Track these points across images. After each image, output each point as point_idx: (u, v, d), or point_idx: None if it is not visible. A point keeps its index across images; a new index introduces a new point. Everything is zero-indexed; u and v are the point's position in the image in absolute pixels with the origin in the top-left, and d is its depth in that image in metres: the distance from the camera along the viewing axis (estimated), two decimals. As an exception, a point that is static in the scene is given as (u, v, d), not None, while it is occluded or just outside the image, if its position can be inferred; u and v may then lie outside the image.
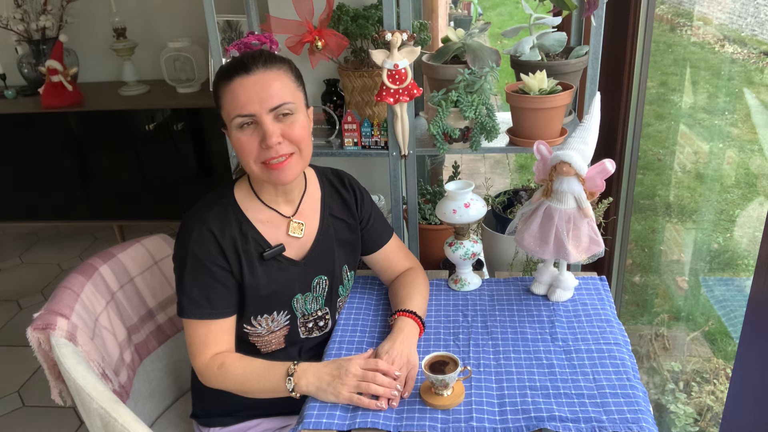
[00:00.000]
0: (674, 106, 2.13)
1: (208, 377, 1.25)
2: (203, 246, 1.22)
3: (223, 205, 1.27)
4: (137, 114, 2.81)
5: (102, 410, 1.15)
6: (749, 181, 1.82)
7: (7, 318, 2.86)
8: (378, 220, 1.48)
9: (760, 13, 1.70)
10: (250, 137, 1.18)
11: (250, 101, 1.16)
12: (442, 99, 1.63)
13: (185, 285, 1.23)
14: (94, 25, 3.07)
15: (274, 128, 1.17)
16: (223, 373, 1.23)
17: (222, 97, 1.20)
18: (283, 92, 1.18)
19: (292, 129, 1.20)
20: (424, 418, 1.14)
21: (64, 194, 3.02)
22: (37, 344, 1.25)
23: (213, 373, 1.24)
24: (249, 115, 1.16)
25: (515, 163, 4.43)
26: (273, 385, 1.21)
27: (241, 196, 1.30)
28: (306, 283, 1.34)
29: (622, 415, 1.12)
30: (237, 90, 1.17)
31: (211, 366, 1.24)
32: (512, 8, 7.77)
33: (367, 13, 1.86)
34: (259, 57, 1.20)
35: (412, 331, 1.32)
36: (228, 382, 1.24)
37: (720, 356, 1.93)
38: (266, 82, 1.17)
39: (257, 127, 1.18)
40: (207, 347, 1.25)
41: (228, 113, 1.19)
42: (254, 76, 1.17)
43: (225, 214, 1.26)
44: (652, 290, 2.27)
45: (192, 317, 1.24)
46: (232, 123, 1.18)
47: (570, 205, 1.32)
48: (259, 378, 1.23)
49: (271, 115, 1.17)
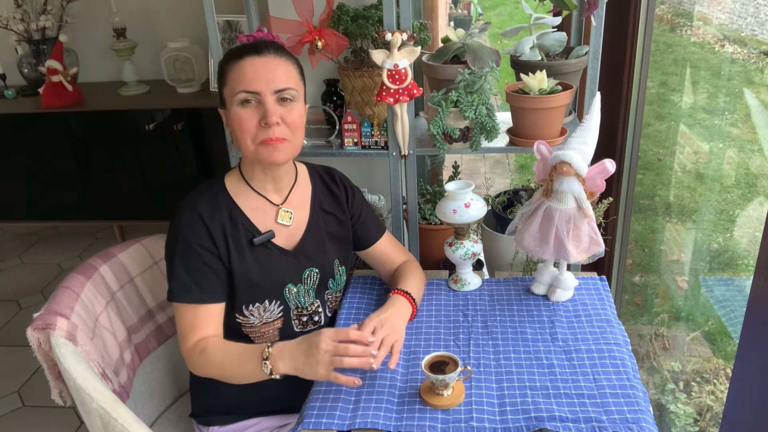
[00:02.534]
0: (674, 106, 2.13)
1: (192, 363, 1.25)
2: (192, 230, 1.25)
3: (214, 191, 1.32)
4: (137, 114, 2.81)
5: (102, 410, 1.15)
6: (749, 181, 1.82)
7: (7, 318, 2.86)
8: (369, 216, 1.50)
9: (760, 13, 1.70)
10: (251, 114, 1.22)
11: (257, 79, 1.20)
12: (442, 99, 1.63)
13: (174, 268, 1.26)
14: (94, 25, 3.07)
15: (275, 108, 1.22)
16: (204, 359, 1.22)
17: (228, 73, 1.24)
18: (289, 78, 1.24)
19: (291, 114, 1.24)
20: (424, 418, 1.14)
21: (64, 194, 3.02)
22: (37, 344, 1.25)
23: (196, 360, 1.23)
24: (253, 92, 1.21)
25: (515, 163, 4.43)
26: (251, 370, 1.18)
27: (232, 184, 1.34)
28: (297, 274, 1.36)
29: (622, 415, 1.12)
30: (246, 67, 1.21)
31: (194, 351, 1.23)
32: (512, 8, 7.77)
33: (367, 13, 1.86)
34: (271, 44, 1.26)
35: (404, 307, 1.35)
36: (209, 367, 1.23)
37: (720, 356, 1.93)
38: (274, 66, 1.23)
39: (258, 106, 1.22)
40: (193, 332, 1.24)
41: (232, 88, 1.22)
42: (264, 58, 1.23)
43: (215, 200, 1.30)
44: (652, 290, 2.27)
45: (180, 301, 1.25)
46: (234, 98, 1.22)
47: (570, 205, 1.32)
48: (236, 363, 1.21)
49: (274, 97, 1.22)
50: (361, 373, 1.26)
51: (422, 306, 1.48)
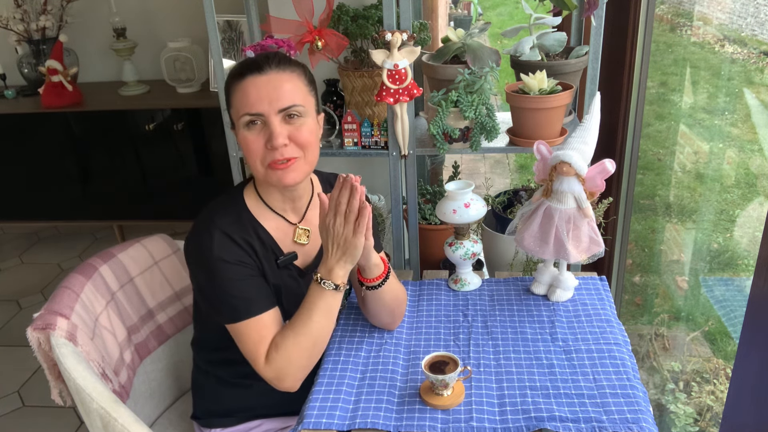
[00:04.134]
0: (674, 106, 2.13)
1: (278, 372, 1.17)
2: (225, 249, 1.18)
3: (236, 210, 1.25)
4: (137, 114, 2.81)
5: (102, 410, 1.15)
6: (749, 181, 1.82)
7: (7, 318, 2.86)
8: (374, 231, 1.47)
9: (760, 13, 1.70)
10: (257, 137, 1.17)
11: (259, 100, 1.15)
12: (442, 99, 1.63)
13: (225, 291, 1.18)
14: (94, 25, 3.07)
15: (281, 129, 1.16)
16: (284, 354, 1.16)
17: (232, 94, 1.19)
18: (294, 94, 1.18)
19: (300, 132, 1.18)
20: (424, 418, 1.14)
21: (64, 194, 3.02)
22: (37, 344, 1.25)
23: (279, 364, 1.16)
24: (257, 114, 1.16)
25: (515, 163, 4.43)
26: (322, 309, 1.16)
27: (251, 204, 1.27)
28: None
29: (622, 415, 1.12)
30: (248, 88, 1.16)
31: (271, 359, 1.17)
32: (512, 8, 7.77)
33: (367, 13, 1.86)
34: (273, 58, 1.19)
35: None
36: (296, 356, 1.16)
37: (720, 356, 1.93)
38: (278, 83, 1.16)
39: (264, 127, 1.17)
40: (263, 344, 1.18)
41: (237, 111, 1.18)
42: (266, 75, 1.16)
43: (239, 221, 1.23)
44: (652, 290, 2.27)
45: (245, 318, 1.18)
46: (240, 121, 1.17)
47: (570, 205, 1.32)
48: (307, 321, 1.16)
49: (279, 116, 1.16)
50: (361, 373, 1.27)
51: (422, 306, 1.48)
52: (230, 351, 1.27)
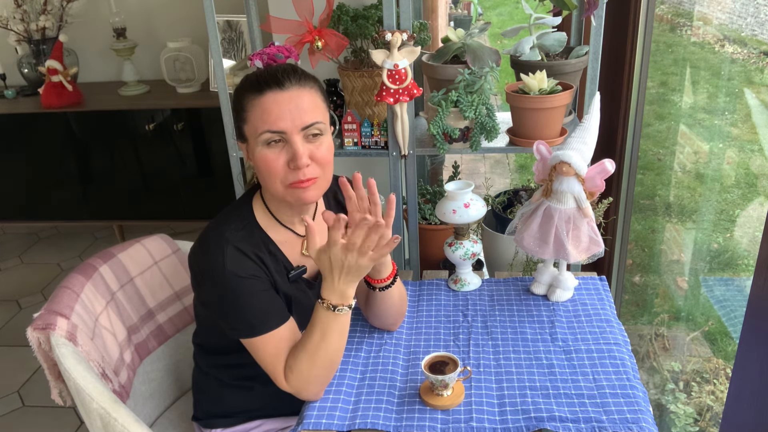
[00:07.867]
0: (674, 106, 2.13)
1: (298, 390, 1.17)
2: (239, 264, 1.16)
3: (247, 226, 1.22)
4: (137, 114, 2.81)
5: (102, 410, 1.15)
6: (749, 181, 1.82)
7: (7, 318, 2.86)
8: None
9: (760, 13, 1.70)
10: (278, 155, 1.13)
11: (282, 117, 1.11)
12: (442, 99, 1.63)
13: (240, 307, 1.16)
14: (94, 25, 3.07)
15: (304, 149, 1.13)
16: (300, 377, 1.16)
17: (249, 110, 1.14)
18: (315, 110, 1.14)
19: (320, 150, 1.15)
20: (424, 418, 1.14)
21: (64, 194, 3.02)
22: (37, 344, 1.25)
23: (298, 384, 1.16)
24: (279, 131, 1.12)
25: (515, 163, 4.43)
26: (339, 333, 1.14)
27: (260, 217, 1.25)
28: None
29: (622, 415, 1.12)
30: (269, 104, 1.12)
31: (289, 380, 1.17)
32: (512, 8, 7.76)
33: (367, 13, 1.86)
34: (292, 73, 1.15)
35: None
36: (314, 375, 1.16)
37: (720, 356, 1.93)
38: (300, 100, 1.13)
39: (285, 146, 1.13)
40: (280, 357, 1.17)
41: (255, 127, 1.13)
42: (288, 92, 1.12)
43: (251, 236, 1.21)
44: (652, 290, 2.27)
45: (261, 333, 1.16)
46: (258, 138, 1.13)
47: (570, 205, 1.32)
48: (320, 343, 1.14)
49: (301, 135, 1.13)
50: (361, 373, 1.27)
51: (422, 306, 1.48)
52: (232, 356, 1.28)
